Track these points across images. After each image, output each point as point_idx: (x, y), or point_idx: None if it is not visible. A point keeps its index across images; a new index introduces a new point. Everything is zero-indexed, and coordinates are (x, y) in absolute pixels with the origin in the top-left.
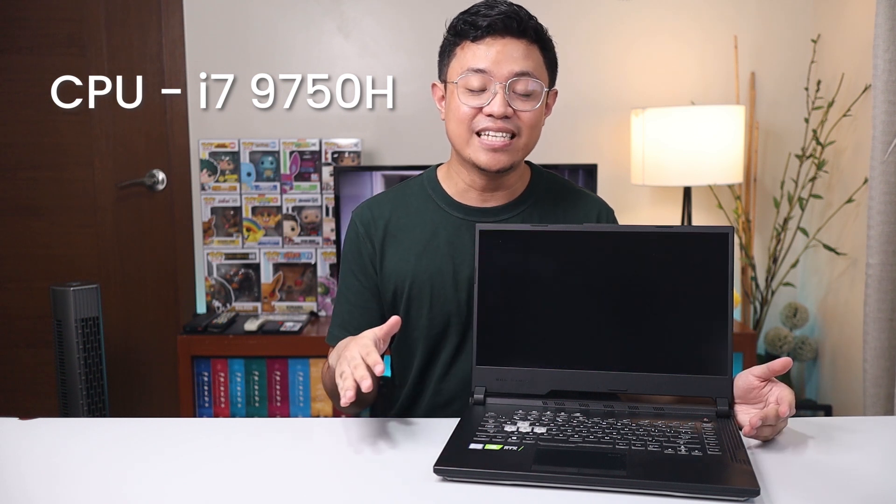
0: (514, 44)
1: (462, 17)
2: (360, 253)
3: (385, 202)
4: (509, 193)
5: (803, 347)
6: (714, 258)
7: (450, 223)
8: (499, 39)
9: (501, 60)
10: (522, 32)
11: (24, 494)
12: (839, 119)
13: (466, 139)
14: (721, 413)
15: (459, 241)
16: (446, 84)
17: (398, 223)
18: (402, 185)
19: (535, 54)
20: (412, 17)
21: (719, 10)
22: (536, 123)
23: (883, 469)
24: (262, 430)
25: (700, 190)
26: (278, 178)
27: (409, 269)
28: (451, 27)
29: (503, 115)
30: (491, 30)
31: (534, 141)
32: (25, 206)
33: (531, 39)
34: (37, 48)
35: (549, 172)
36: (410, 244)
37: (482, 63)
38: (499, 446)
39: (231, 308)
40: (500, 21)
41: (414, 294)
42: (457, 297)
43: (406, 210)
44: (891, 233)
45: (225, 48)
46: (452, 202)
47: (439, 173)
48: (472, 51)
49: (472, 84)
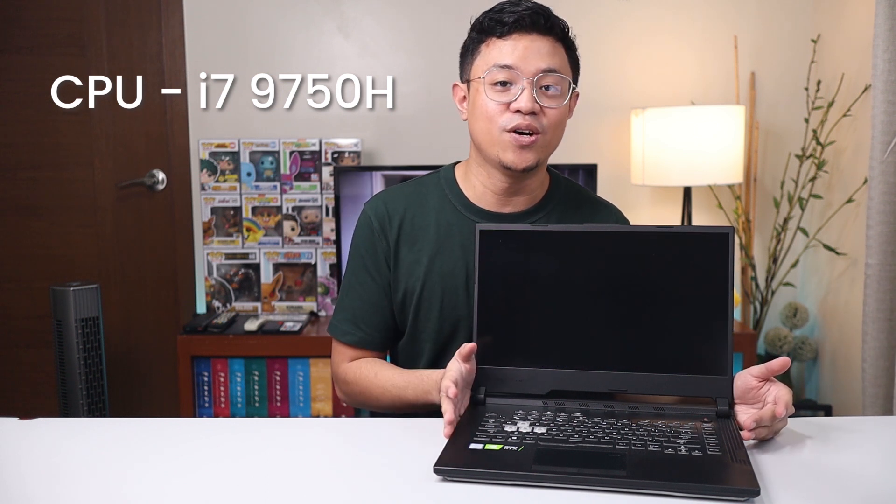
0: (541, 40)
1: (487, 14)
2: (374, 249)
3: (400, 198)
4: (529, 199)
5: (803, 347)
6: (714, 258)
7: (465, 226)
8: (525, 35)
9: (529, 56)
10: (549, 29)
11: (24, 494)
12: (839, 119)
13: (495, 136)
14: (721, 413)
15: (473, 246)
16: (469, 83)
17: (413, 222)
18: (418, 182)
19: (561, 52)
20: (412, 17)
21: (719, 10)
22: (561, 122)
23: (883, 469)
24: (262, 430)
25: (700, 190)
26: (278, 178)
27: (422, 270)
28: (475, 25)
29: (531, 110)
30: (518, 25)
31: (557, 140)
32: (25, 206)
33: (557, 37)
34: (37, 48)
35: (567, 179)
36: (424, 245)
37: (509, 59)
38: (499, 446)
39: (231, 308)
40: (527, 17)
41: (425, 296)
42: (468, 301)
43: (422, 209)
44: (890, 233)
45: (225, 48)
46: (470, 205)
47: (457, 172)
48: (498, 47)
49: (499, 79)
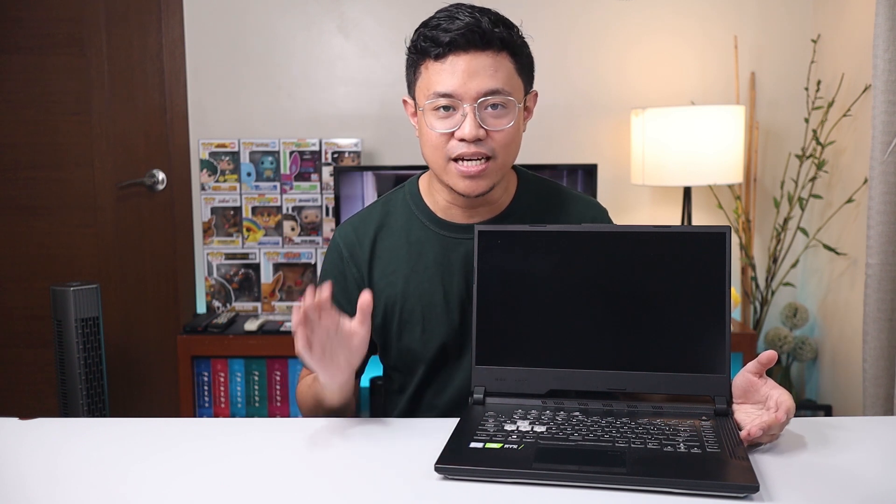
0: (480, 58)
1: (422, 31)
2: (344, 277)
3: (369, 221)
4: (494, 207)
5: (803, 347)
6: (712, 257)
7: (436, 242)
8: (462, 56)
9: (468, 80)
10: (487, 44)
11: (24, 494)
12: (839, 119)
13: (442, 166)
14: (719, 411)
15: (447, 262)
16: (416, 103)
17: (383, 244)
18: (385, 200)
19: (505, 65)
20: (412, 17)
21: (719, 10)
22: (512, 141)
23: (883, 469)
24: (262, 430)
25: (700, 190)
26: (278, 178)
27: (398, 291)
28: (411, 44)
29: (475, 137)
30: (453, 46)
31: (512, 158)
32: (25, 205)
33: (497, 49)
34: (37, 48)
35: (537, 178)
36: (397, 266)
37: (448, 86)
38: (499, 445)
39: (231, 308)
40: (460, 37)
41: (405, 317)
42: (449, 319)
43: (390, 229)
44: (891, 233)
45: (225, 48)
46: (436, 219)
47: (421, 185)
48: (436, 71)
49: (441, 105)
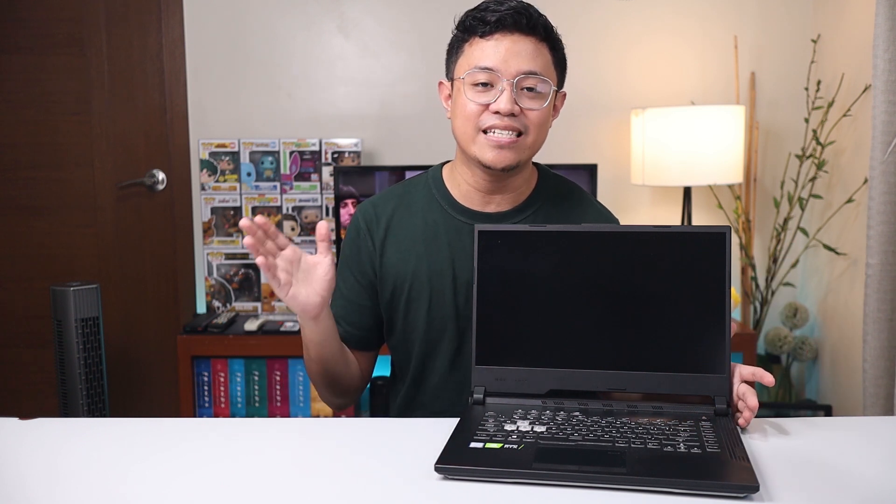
0: (524, 41)
1: (471, 12)
2: (358, 250)
3: (389, 199)
4: (514, 197)
5: (803, 347)
6: (712, 257)
7: (451, 225)
8: (508, 35)
9: (510, 58)
10: (532, 29)
11: (24, 494)
12: (839, 119)
13: (472, 136)
14: (719, 411)
15: (460, 245)
16: (453, 81)
17: (401, 222)
18: (407, 183)
19: (545, 53)
20: (412, 17)
21: (719, 10)
22: (544, 123)
23: (883, 469)
24: (262, 430)
25: (700, 190)
26: (278, 178)
27: (409, 268)
28: (459, 23)
29: (510, 112)
30: (500, 25)
31: (541, 141)
32: (25, 205)
33: (540, 37)
34: (37, 48)
35: (557, 176)
36: (411, 244)
37: (490, 60)
38: (499, 445)
39: (231, 308)
40: (509, 17)
41: (413, 295)
42: (455, 300)
43: (409, 209)
44: (891, 233)
45: (225, 48)
46: (455, 204)
47: (444, 172)
48: (480, 47)
49: (479, 80)
